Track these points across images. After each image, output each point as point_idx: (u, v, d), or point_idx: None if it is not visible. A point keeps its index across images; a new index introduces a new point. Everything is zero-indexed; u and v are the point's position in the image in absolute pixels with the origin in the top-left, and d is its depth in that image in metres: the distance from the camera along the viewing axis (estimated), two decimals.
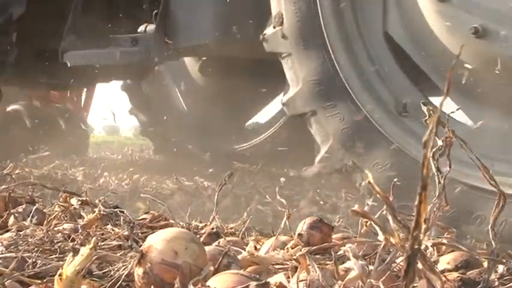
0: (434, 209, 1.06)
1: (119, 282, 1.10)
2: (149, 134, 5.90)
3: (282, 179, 2.62)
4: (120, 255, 1.23)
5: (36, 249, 1.37)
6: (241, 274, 1.02)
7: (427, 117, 1.10)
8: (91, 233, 1.55)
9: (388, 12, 2.39)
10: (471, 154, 1.11)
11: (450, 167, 1.07)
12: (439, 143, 1.04)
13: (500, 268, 1.15)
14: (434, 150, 1.03)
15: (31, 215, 1.78)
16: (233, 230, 1.77)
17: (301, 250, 1.02)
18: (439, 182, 1.05)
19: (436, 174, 1.05)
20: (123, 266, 1.13)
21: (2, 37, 3.76)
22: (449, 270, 1.21)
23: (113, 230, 1.57)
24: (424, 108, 1.10)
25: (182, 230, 1.19)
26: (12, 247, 1.37)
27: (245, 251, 1.27)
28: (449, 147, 1.05)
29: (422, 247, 0.79)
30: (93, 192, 3.11)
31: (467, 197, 2.01)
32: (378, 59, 2.40)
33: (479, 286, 0.98)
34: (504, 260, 1.17)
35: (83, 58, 3.72)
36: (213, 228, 1.64)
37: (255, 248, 1.32)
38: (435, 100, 2.33)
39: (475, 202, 2.00)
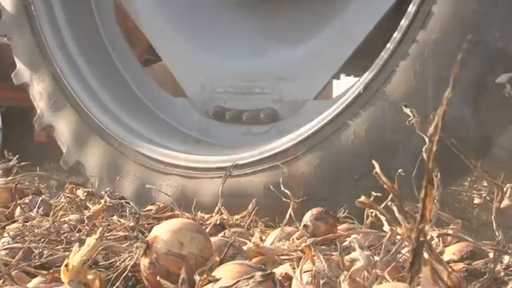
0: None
1: (125, 273, 1.10)
2: None
3: None
4: (126, 245, 1.23)
5: (42, 239, 1.38)
6: (247, 265, 1.02)
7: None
8: (97, 223, 1.55)
9: None
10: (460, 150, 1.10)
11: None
12: None
13: (506, 259, 1.15)
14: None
15: (37, 205, 1.79)
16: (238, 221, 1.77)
17: (306, 241, 1.02)
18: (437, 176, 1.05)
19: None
20: (129, 256, 1.13)
21: None
22: (455, 261, 1.21)
23: (119, 221, 1.57)
24: None
25: (188, 220, 1.19)
26: (19, 238, 1.37)
27: (250, 242, 1.27)
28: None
29: (428, 237, 0.79)
30: None
31: None
32: None
33: (485, 276, 0.98)
34: (510, 251, 1.17)
35: None
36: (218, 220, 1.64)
37: (261, 239, 1.32)
38: None
39: None
